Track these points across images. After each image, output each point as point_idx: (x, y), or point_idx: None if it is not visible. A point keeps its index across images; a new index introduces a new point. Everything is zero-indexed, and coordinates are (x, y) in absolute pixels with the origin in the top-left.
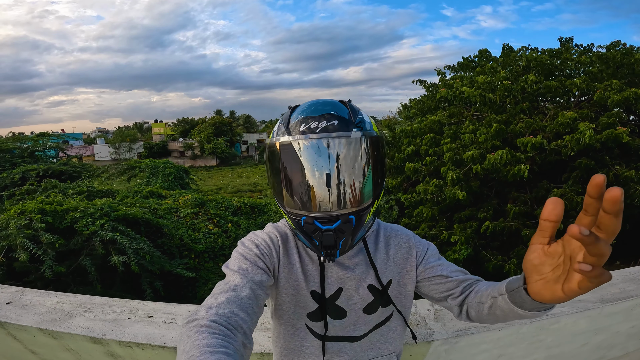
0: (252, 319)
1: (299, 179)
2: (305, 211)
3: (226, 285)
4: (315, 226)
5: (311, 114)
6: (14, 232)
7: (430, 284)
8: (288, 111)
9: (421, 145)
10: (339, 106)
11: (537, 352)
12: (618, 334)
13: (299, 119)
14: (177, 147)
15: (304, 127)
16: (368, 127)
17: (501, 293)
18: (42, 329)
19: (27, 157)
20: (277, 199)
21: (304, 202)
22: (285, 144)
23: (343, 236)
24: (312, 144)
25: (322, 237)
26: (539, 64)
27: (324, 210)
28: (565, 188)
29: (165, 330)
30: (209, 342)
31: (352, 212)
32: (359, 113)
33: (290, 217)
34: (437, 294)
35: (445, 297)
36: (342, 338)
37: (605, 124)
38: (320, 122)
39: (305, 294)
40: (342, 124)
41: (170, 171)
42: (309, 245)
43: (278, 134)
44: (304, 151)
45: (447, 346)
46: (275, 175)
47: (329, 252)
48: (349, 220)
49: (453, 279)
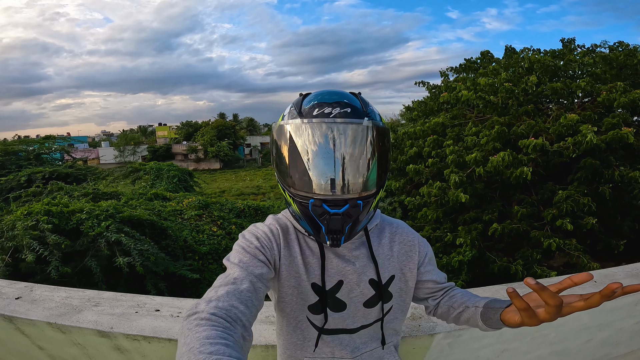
0: (251, 311)
1: (310, 161)
2: (313, 193)
3: (226, 279)
4: (323, 209)
5: (325, 100)
6: (20, 233)
7: (421, 286)
8: (299, 97)
9: (424, 147)
10: (351, 96)
11: (541, 348)
12: (622, 331)
13: (313, 103)
14: (181, 150)
15: (318, 111)
16: (377, 118)
17: (477, 306)
18: (51, 323)
19: (33, 160)
20: (284, 181)
21: (314, 184)
22: (299, 126)
23: (350, 221)
24: (326, 127)
25: (330, 220)
26: (542, 65)
27: (333, 193)
28: (570, 189)
29: (171, 323)
30: (208, 334)
31: (360, 197)
32: (369, 105)
33: (296, 201)
34: (422, 295)
35: (427, 298)
36: (341, 330)
37: (610, 125)
38: (335, 108)
39: (306, 286)
40: (355, 112)
41: (174, 174)
42: (313, 232)
43: (290, 116)
44: (318, 134)
45: (450, 339)
46: (284, 157)
47: (334, 236)
48: (356, 205)
49: (440, 285)
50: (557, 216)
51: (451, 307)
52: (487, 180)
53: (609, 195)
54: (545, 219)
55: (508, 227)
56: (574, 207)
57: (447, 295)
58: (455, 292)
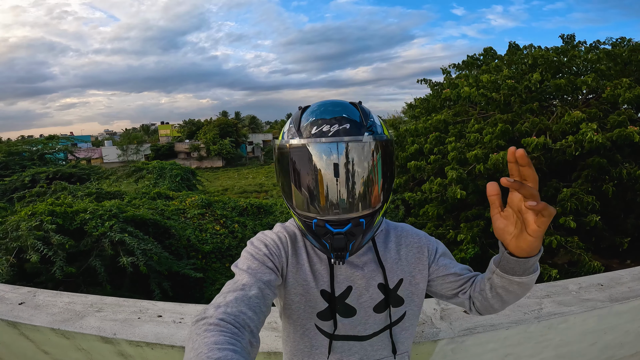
0: (259, 318)
1: (310, 182)
2: (316, 214)
3: (235, 285)
4: (326, 229)
5: (323, 115)
6: (24, 233)
7: (443, 282)
8: (298, 112)
9: (425, 144)
10: (351, 109)
11: (545, 352)
12: (627, 333)
13: (310, 121)
14: (184, 149)
15: (316, 129)
16: (379, 130)
17: (493, 270)
18: (55, 329)
19: (36, 160)
20: (287, 200)
21: (316, 205)
22: (297, 147)
23: (353, 239)
24: (324, 147)
25: (333, 240)
26: (546, 61)
27: (335, 214)
28: (574, 187)
29: (174, 329)
30: (217, 339)
31: (363, 215)
32: (370, 116)
33: (300, 219)
34: (449, 292)
35: (457, 293)
36: (352, 337)
37: (616, 122)
38: (333, 125)
39: (315, 293)
40: (354, 128)
41: (177, 172)
42: (319, 247)
43: (289, 136)
44: (316, 154)
45: (454, 345)
46: (285, 177)
47: (338, 254)
48: (359, 223)
49: (464, 276)
50: (561, 214)
51: (481, 290)
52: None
53: (613, 193)
54: None
55: None
56: (578, 205)
57: (473, 285)
58: (478, 277)
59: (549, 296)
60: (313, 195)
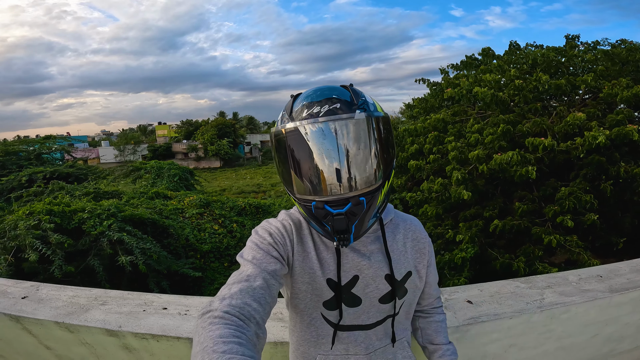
0: (264, 309)
1: (306, 163)
2: (314, 196)
3: (240, 276)
4: (326, 210)
5: (314, 99)
6: (23, 232)
7: None
8: (290, 99)
9: (425, 144)
10: (341, 90)
11: (548, 343)
12: (628, 326)
13: (302, 104)
14: (181, 149)
15: (308, 112)
16: (372, 108)
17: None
18: (59, 322)
19: (33, 160)
20: (287, 186)
21: (313, 186)
22: (291, 130)
23: (355, 219)
24: (317, 128)
25: (334, 221)
26: (546, 60)
27: (333, 194)
28: (572, 186)
29: (179, 321)
30: (222, 332)
31: (363, 193)
32: (362, 95)
33: (300, 204)
34: None
35: None
36: (356, 327)
37: (614, 121)
38: (323, 106)
39: (321, 281)
40: (345, 107)
41: (175, 172)
42: (322, 232)
43: (282, 122)
44: (309, 135)
45: (458, 334)
46: (283, 163)
47: (342, 237)
48: (359, 202)
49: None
50: (559, 213)
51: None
52: (489, 177)
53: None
54: (547, 215)
55: (509, 224)
56: (576, 203)
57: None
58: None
59: (550, 287)
60: (309, 177)
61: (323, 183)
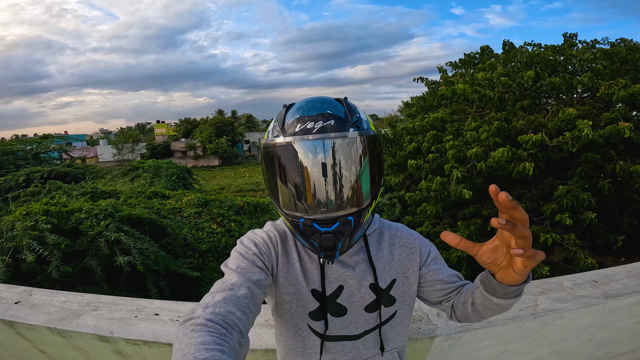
0: (248, 318)
1: (296, 180)
2: (303, 213)
3: (224, 284)
4: (314, 228)
5: (307, 113)
6: (20, 233)
7: (430, 288)
8: (282, 110)
9: (423, 143)
10: (335, 104)
11: (541, 348)
12: (622, 330)
13: (294, 118)
14: (180, 148)
15: (300, 127)
16: (365, 125)
17: (477, 286)
18: (51, 328)
19: (31, 159)
20: (274, 200)
21: (302, 204)
22: (281, 145)
23: (342, 237)
24: (309, 144)
25: (321, 239)
26: (542, 59)
27: (322, 212)
28: (570, 184)
29: (171, 327)
30: (204, 339)
31: (351, 213)
32: (356, 111)
33: (287, 219)
34: (435, 298)
35: (441, 301)
36: (344, 337)
37: (609, 120)
38: (317, 122)
39: (306, 292)
40: (339, 124)
41: (173, 171)
42: (308, 247)
43: (273, 134)
44: (301, 152)
45: (451, 342)
46: (271, 177)
47: (328, 253)
48: (347, 221)
49: (452, 285)
50: (557, 211)
51: (463, 302)
52: (487, 175)
53: (608, 190)
54: (545, 213)
55: None
56: (574, 202)
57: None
58: (465, 287)
59: (544, 293)
60: (299, 194)
61: (312, 202)
